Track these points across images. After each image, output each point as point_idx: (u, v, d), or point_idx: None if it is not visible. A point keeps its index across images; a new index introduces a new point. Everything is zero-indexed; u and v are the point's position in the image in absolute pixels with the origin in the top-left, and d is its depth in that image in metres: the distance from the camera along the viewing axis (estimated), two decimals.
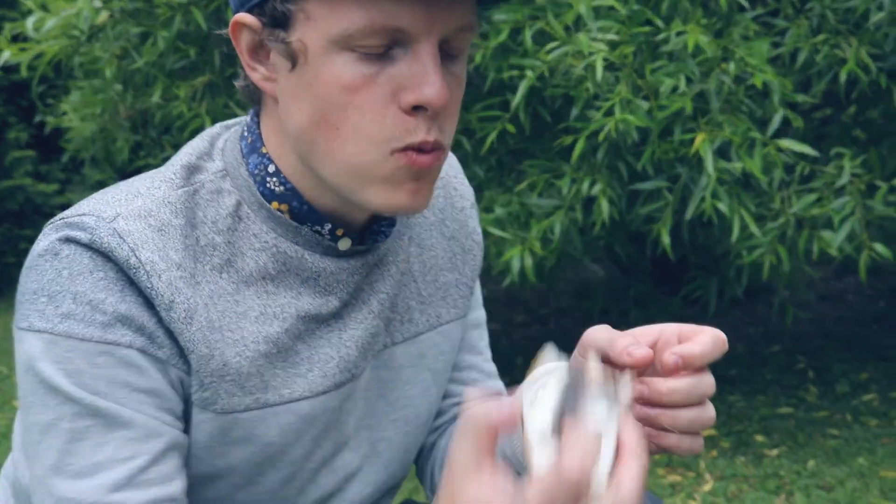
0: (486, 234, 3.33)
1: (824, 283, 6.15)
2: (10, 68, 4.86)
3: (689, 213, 3.14)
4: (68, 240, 1.00)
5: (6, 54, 4.44)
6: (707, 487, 3.38)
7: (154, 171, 1.10)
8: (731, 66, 3.10)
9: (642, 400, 0.97)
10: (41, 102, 6.02)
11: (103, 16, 4.19)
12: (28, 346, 1.00)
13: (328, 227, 1.09)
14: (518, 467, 1.10)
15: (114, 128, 4.85)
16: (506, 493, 0.79)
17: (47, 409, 1.00)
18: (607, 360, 0.95)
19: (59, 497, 0.99)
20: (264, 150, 1.08)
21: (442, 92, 0.98)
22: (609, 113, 3.09)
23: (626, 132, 3.04)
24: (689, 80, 3.16)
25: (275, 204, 1.08)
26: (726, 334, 1.00)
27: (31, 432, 1.01)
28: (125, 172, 5.97)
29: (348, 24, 0.97)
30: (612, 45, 3.15)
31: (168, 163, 1.11)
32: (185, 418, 1.06)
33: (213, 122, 4.09)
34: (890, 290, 5.99)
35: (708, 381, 0.97)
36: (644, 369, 0.95)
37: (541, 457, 0.83)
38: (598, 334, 0.97)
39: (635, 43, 3.14)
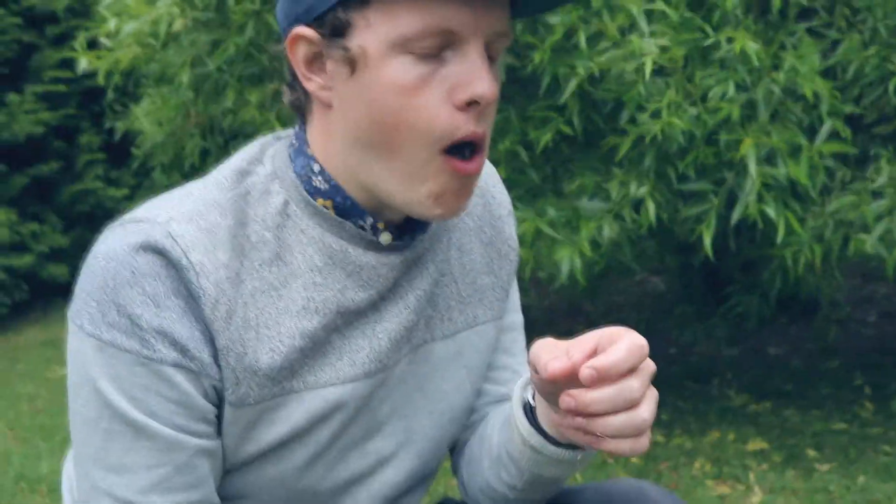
0: (539, 234, 3.39)
1: (886, 300, 6.10)
2: (83, 74, 5.00)
3: (735, 218, 3.16)
4: (124, 244, 1.08)
5: (83, 62, 4.58)
6: (756, 499, 3.39)
7: (209, 174, 1.18)
8: (781, 76, 3.13)
9: (571, 411, 1.02)
10: (111, 110, 6.17)
11: (180, 22, 4.30)
12: (80, 345, 1.10)
13: (370, 220, 1.15)
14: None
15: (183, 134, 4.95)
16: None
17: (90, 405, 1.10)
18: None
19: (94, 485, 1.10)
20: (310, 153, 1.15)
21: (493, 86, 1.07)
22: (656, 116, 3.14)
23: (673, 136, 3.09)
24: (739, 87, 3.19)
25: (320, 200, 1.14)
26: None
27: (75, 419, 1.12)
28: (193, 178, 6.09)
29: (405, 28, 1.05)
30: (664, 50, 3.19)
31: (221, 166, 1.18)
32: (219, 417, 1.14)
33: (284, 127, 4.18)
34: None
35: (632, 387, 1.01)
36: (569, 379, 1.01)
37: None
38: (534, 351, 1.06)
39: (686, 48, 3.19)
